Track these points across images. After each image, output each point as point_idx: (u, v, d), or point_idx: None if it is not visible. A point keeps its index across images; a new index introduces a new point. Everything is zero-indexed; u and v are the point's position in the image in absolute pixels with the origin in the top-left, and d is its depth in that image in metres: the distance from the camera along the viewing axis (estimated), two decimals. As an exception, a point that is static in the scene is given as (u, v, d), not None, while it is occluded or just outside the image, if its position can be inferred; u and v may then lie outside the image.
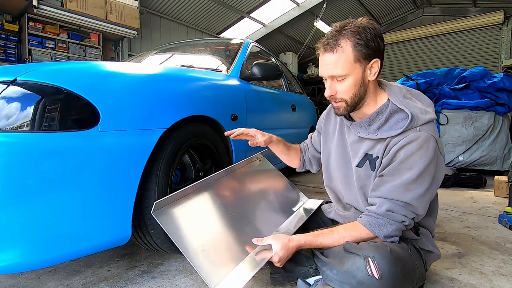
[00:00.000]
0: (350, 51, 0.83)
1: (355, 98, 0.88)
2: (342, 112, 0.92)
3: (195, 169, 1.34)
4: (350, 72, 0.85)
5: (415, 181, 0.83)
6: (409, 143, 0.83)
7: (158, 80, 1.17)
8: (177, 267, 1.20)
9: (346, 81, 0.86)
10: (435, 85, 3.44)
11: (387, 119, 0.89)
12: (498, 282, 1.11)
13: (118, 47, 4.84)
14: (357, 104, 0.90)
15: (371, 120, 0.91)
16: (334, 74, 0.86)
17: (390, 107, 0.89)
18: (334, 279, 0.85)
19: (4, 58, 3.73)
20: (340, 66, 0.84)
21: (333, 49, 0.84)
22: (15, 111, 0.81)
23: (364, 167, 0.93)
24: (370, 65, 0.86)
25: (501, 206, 2.12)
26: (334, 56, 0.84)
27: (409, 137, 0.84)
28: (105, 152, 0.91)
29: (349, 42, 0.83)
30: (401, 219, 0.85)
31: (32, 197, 0.79)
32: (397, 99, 0.89)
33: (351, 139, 0.99)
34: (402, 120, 0.86)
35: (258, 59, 1.96)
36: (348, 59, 0.84)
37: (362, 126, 0.93)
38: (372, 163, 0.92)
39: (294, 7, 6.50)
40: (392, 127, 0.87)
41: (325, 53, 0.86)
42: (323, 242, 0.91)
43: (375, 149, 0.91)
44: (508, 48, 6.17)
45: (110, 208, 0.94)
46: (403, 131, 0.84)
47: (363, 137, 0.93)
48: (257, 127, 1.81)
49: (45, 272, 1.19)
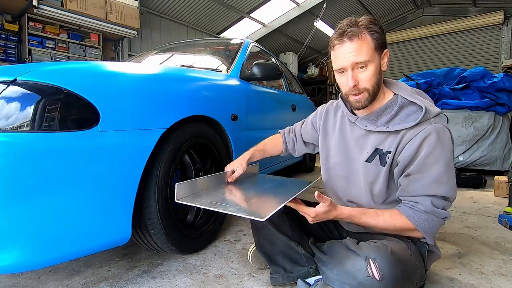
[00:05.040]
0: (370, 39, 0.85)
1: (376, 87, 0.88)
2: (364, 103, 0.89)
3: (195, 169, 1.34)
4: (372, 58, 0.85)
5: (445, 173, 0.84)
6: (427, 136, 0.84)
7: (158, 80, 1.17)
8: (177, 267, 1.20)
9: (368, 69, 0.86)
10: (435, 85, 3.44)
11: (397, 112, 0.89)
12: (498, 282, 1.11)
13: (118, 47, 4.83)
14: (376, 95, 0.90)
15: (379, 114, 0.91)
16: (358, 61, 0.85)
17: (400, 101, 0.89)
18: (334, 280, 0.85)
19: (4, 58, 3.73)
20: (364, 52, 0.84)
21: (354, 38, 0.84)
22: (15, 111, 0.81)
23: (373, 162, 0.93)
24: (383, 55, 0.88)
25: (501, 206, 2.12)
26: (356, 43, 0.84)
27: (427, 130, 0.84)
28: (105, 152, 0.91)
29: (367, 32, 0.85)
30: (445, 215, 0.86)
31: (32, 197, 0.79)
32: (406, 93, 0.90)
33: (356, 134, 0.98)
34: (414, 113, 0.87)
35: (258, 59, 1.96)
36: (369, 46, 0.85)
37: (370, 120, 0.93)
38: (382, 158, 0.91)
39: (294, 7, 6.49)
40: (404, 119, 0.88)
41: (345, 43, 0.86)
42: (367, 222, 0.90)
43: (385, 143, 0.91)
44: (508, 48, 6.16)
45: (110, 208, 0.94)
46: (418, 123, 0.85)
47: (372, 130, 0.93)
48: (257, 127, 1.83)
49: (45, 272, 1.19)
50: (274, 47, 7.48)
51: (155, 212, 1.08)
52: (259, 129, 1.86)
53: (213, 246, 1.40)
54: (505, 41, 6.20)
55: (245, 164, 1.15)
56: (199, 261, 1.26)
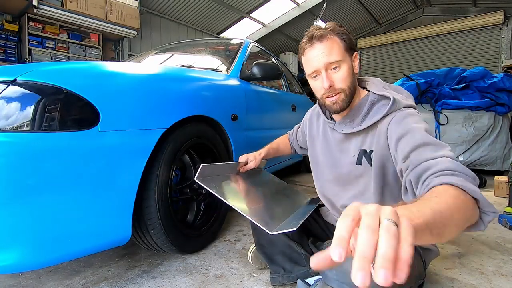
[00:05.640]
0: (339, 40, 0.86)
1: (352, 88, 0.88)
2: (341, 105, 0.88)
3: (195, 169, 1.34)
4: (343, 58, 0.85)
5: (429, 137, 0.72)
6: (397, 116, 0.82)
7: (158, 80, 1.17)
8: (177, 267, 1.20)
9: (342, 69, 0.86)
10: (435, 85, 3.44)
11: (369, 109, 0.88)
12: (498, 282, 1.11)
13: (118, 47, 4.84)
14: (353, 96, 0.89)
15: (353, 114, 0.91)
16: (330, 60, 0.84)
17: (371, 97, 0.89)
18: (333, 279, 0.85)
19: (4, 58, 3.73)
20: (335, 52, 0.85)
21: (324, 38, 0.85)
22: (15, 111, 0.81)
23: (363, 163, 0.92)
24: (354, 57, 0.89)
25: (501, 206, 2.12)
26: (326, 43, 0.85)
27: (396, 113, 0.83)
28: (105, 152, 0.91)
29: (335, 34, 0.86)
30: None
31: (32, 197, 0.79)
32: (376, 88, 0.90)
33: (338, 139, 0.98)
34: (383, 106, 0.86)
35: (258, 59, 1.96)
36: (339, 46, 0.86)
37: (346, 123, 0.93)
38: (368, 158, 0.90)
39: (294, 7, 6.50)
40: (375, 114, 0.87)
41: (315, 45, 0.86)
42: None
43: (366, 142, 0.90)
44: (508, 48, 6.17)
45: (110, 208, 0.94)
46: (386, 113, 0.84)
47: (349, 132, 0.92)
48: (257, 127, 1.83)
49: (45, 272, 1.19)
50: (274, 47, 7.48)
51: (155, 212, 1.09)
52: (259, 129, 1.86)
53: (213, 246, 1.40)
54: (505, 41, 6.20)
55: (259, 160, 1.18)
56: (199, 261, 1.26)
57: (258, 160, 1.18)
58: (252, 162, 1.17)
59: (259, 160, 1.19)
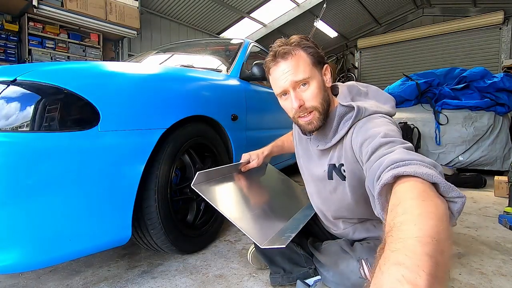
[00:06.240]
0: (305, 55, 0.81)
1: (325, 104, 0.83)
2: (317, 124, 0.83)
3: (195, 169, 1.34)
4: (312, 75, 0.80)
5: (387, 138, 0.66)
6: (357, 126, 0.78)
7: (158, 80, 1.17)
8: (177, 267, 1.20)
9: (311, 86, 0.81)
10: (435, 85, 3.44)
11: (338, 123, 0.84)
12: (498, 282, 1.11)
13: (118, 47, 4.84)
14: (327, 113, 0.85)
15: (327, 129, 0.87)
16: (297, 79, 0.79)
17: (339, 110, 0.84)
18: (330, 281, 0.86)
19: (4, 58, 3.73)
20: (302, 69, 0.80)
21: (288, 55, 0.80)
22: (15, 111, 0.81)
23: (334, 178, 0.89)
24: (324, 70, 0.85)
25: (501, 206, 2.12)
26: (291, 61, 0.80)
27: (358, 123, 0.79)
28: (105, 152, 0.91)
29: (300, 49, 0.81)
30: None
31: (32, 197, 0.79)
32: (344, 98, 0.86)
33: (316, 153, 0.95)
34: (350, 118, 0.82)
35: (258, 59, 1.96)
36: (306, 62, 0.81)
37: (319, 139, 0.90)
38: (338, 172, 0.87)
39: (294, 7, 6.49)
40: (342, 127, 0.83)
41: (279, 63, 0.82)
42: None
43: (334, 157, 0.87)
44: (508, 48, 6.17)
45: (110, 208, 0.94)
46: (351, 125, 0.80)
47: (323, 149, 0.89)
48: (257, 127, 1.82)
49: (45, 272, 1.19)
50: (274, 47, 7.47)
51: (155, 212, 1.09)
52: (259, 129, 1.86)
53: (213, 246, 1.40)
54: (505, 41, 6.20)
55: (261, 159, 1.17)
56: (199, 261, 1.26)
57: (261, 159, 1.17)
58: (254, 161, 1.16)
59: (262, 158, 1.18)
